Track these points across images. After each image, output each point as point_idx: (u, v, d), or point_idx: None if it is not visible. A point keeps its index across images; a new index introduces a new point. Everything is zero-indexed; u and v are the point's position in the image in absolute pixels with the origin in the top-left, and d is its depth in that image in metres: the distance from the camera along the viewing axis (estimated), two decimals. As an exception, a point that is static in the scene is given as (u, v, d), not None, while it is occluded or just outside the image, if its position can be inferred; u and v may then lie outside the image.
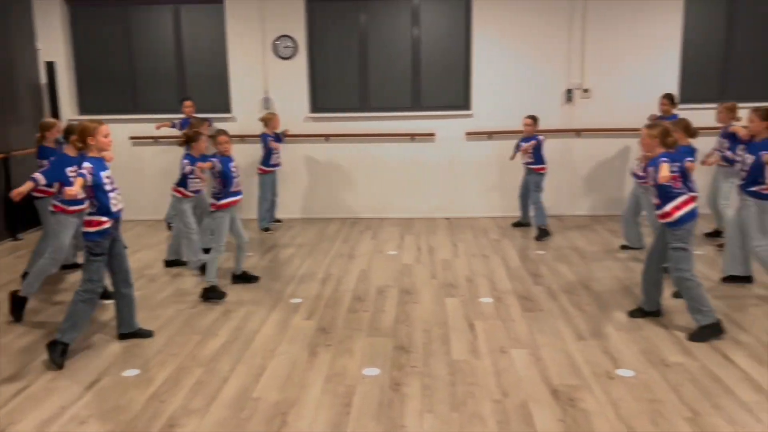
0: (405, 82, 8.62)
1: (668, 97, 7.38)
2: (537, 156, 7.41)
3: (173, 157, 7.89)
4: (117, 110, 8.66)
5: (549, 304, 5.17)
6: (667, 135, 4.47)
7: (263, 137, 7.77)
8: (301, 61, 8.45)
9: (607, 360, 4.10)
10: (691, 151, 5.27)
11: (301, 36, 8.40)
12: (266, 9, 8.33)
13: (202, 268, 6.10)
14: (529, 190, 7.60)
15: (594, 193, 8.58)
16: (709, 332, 4.41)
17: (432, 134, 8.55)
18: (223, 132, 5.59)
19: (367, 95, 8.65)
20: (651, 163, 4.51)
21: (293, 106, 8.50)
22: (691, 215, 4.47)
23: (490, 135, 8.46)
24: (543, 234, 7.40)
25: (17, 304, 5.02)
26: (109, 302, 4.95)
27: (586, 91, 8.30)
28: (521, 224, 7.97)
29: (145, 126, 8.55)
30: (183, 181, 6.01)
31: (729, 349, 4.22)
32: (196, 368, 4.09)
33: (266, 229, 7.98)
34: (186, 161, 5.93)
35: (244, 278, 5.81)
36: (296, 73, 8.48)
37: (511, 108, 8.09)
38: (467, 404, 3.57)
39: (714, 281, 5.62)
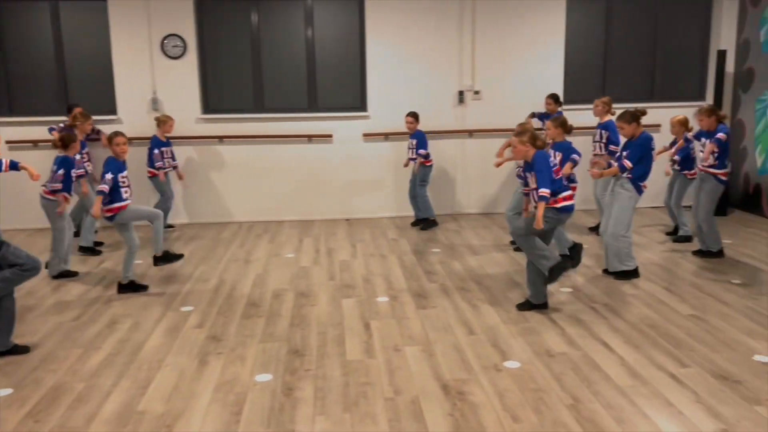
0: (300, 82, 8.56)
1: (553, 97, 7.74)
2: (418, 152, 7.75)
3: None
4: (-9, 113, 8.11)
5: (442, 301, 5.27)
6: (536, 138, 4.73)
7: (153, 140, 7.55)
8: (191, 60, 8.21)
9: (496, 353, 4.23)
10: (570, 147, 5.56)
11: (190, 35, 8.16)
12: (152, 7, 8.03)
13: (61, 276, 6.00)
14: (416, 184, 7.86)
15: (487, 192, 8.83)
16: (561, 268, 4.76)
17: (329, 135, 8.53)
18: (119, 133, 5.43)
19: (262, 96, 8.52)
20: (528, 168, 4.74)
21: (184, 106, 8.24)
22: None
23: (387, 136, 8.54)
24: (430, 224, 7.85)
25: None
26: None
27: (476, 92, 8.53)
28: (419, 222, 8.10)
29: (24, 129, 8.05)
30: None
31: (608, 337, 4.44)
32: (76, 384, 3.87)
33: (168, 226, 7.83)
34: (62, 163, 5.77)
35: (131, 287, 5.58)
36: (186, 73, 8.23)
37: (406, 109, 8.19)
38: (359, 404, 3.57)
39: (597, 273, 5.91)
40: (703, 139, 6.39)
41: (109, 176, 5.25)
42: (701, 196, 6.27)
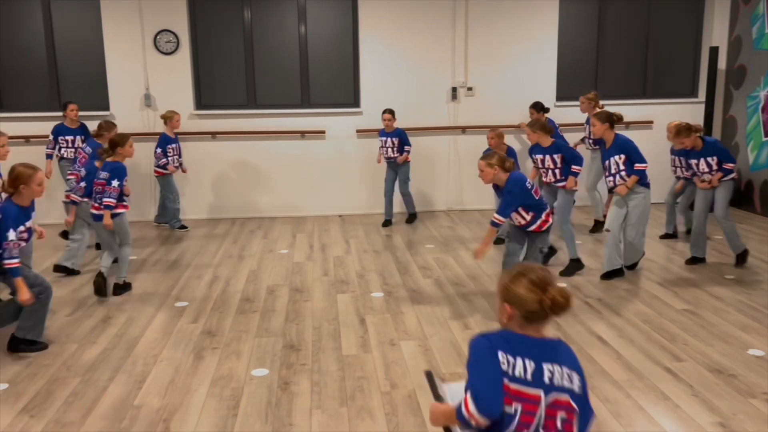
0: (294, 79, 8.54)
1: (535, 106, 7.72)
2: (401, 149, 7.74)
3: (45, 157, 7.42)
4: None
5: (437, 296, 5.27)
6: (504, 161, 4.65)
7: (162, 137, 7.47)
8: (184, 56, 8.18)
9: (492, 347, 4.23)
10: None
11: (183, 31, 8.13)
12: (144, 2, 7.99)
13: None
14: (399, 182, 7.87)
15: (480, 188, 8.81)
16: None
17: (322, 131, 8.52)
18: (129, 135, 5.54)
19: (254, 92, 8.49)
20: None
21: (177, 102, 8.20)
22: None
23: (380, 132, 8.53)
24: (413, 218, 8.01)
25: None
26: None
27: (470, 89, 8.54)
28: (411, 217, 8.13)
29: (15, 125, 7.96)
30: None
31: (603, 332, 4.46)
32: (71, 379, 3.85)
33: (182, 227, 7.77)
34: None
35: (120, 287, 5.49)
36: (179, 69, 8.19)
37: (399, 105, 8.18)
38: (356, 398, 3.57)
39: (590, 269, 5.92)
40: (693, 160, 5.98)
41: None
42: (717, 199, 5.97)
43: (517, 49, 8.53)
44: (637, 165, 5.36)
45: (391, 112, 7.71)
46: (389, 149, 7.76)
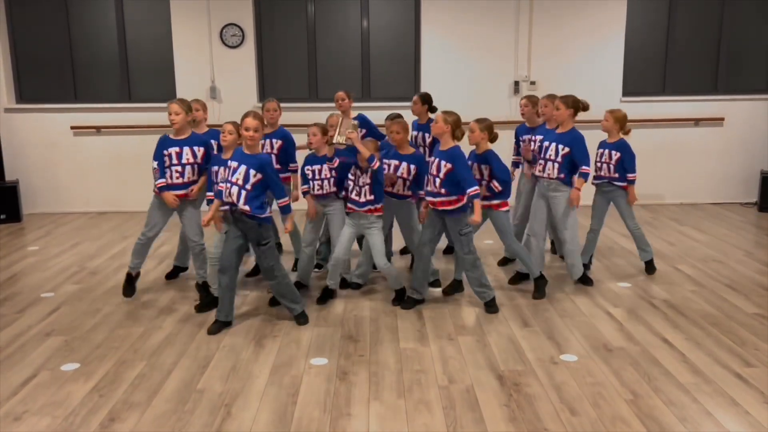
0: (355, 72, 8.58)
1: (422, 97, 6.62)
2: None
3: (115, 147, 7.69)
4: (57, 99, 8.39)
5: (496, 293, 5.20)
6: (458, 126, 4.67)
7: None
8: (249, 50, 8.32)
9: (552, 346, 4.17)
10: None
11: (248, 25, 8.27)
12: (212, -4, 8.19)
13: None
14: None
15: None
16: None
17: (382, 125, 8.51)
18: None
19: (316, 85, 8.58)
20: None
21: (241, 95, 8.36)
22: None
23: (440, 126, 8.49)
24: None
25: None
26: None
27: (533, 83, 8.41)
28: None
29: (88, 116, 8.30)
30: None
31: (668, 334, 4.33)
32: (138, 362, 3.98)
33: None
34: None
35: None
36: (244, 62, 8.34)
37: (460, 99, 8.10)
38: (413, 391, 3.57)
39: (657, 269, 5.76)
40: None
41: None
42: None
43: (582, 43, 8.34)
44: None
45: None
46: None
